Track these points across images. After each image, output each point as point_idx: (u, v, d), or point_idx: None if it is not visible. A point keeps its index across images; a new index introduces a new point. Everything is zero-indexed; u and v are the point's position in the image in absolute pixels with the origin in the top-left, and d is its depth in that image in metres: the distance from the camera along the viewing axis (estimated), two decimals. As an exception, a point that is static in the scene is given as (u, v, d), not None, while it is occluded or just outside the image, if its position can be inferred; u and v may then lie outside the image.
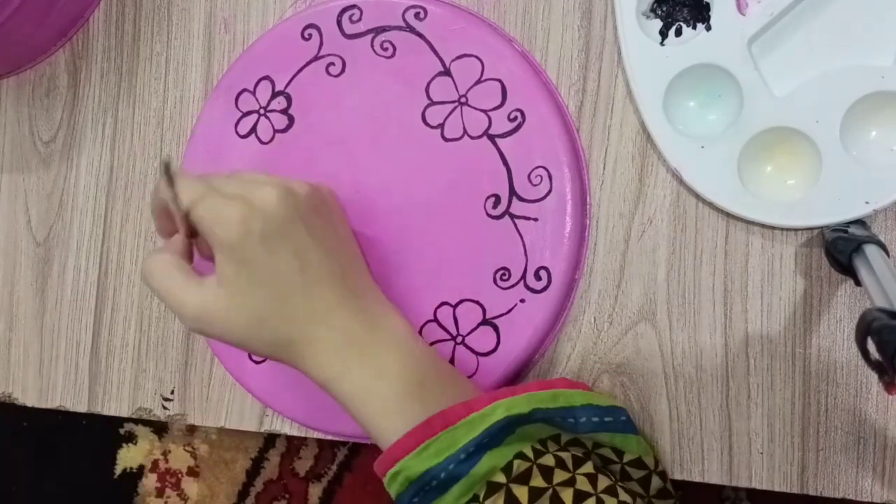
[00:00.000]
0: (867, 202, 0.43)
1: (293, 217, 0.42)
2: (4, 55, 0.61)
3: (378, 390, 0.41)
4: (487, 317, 0.47)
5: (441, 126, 0.49)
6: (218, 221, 0.40)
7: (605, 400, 0.45)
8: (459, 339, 0.48)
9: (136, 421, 0.76)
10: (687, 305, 0.47)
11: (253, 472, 0.61)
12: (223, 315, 0.41)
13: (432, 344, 0.48)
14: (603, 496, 0.39)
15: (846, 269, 0.42)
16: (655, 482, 0.44)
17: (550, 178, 0.46)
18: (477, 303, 0.47)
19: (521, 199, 0.47)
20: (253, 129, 0.53)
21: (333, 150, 0.51)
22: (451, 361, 0.48)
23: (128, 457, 0.73)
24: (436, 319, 0.48)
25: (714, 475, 0.46)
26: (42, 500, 0.75)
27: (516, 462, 0.40)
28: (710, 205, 0.46)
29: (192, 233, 0.42)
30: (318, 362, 0.42)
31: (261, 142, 0.53)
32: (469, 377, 0.47)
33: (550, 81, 0.49)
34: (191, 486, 0.60)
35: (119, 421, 0.57)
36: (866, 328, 0.35)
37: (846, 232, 0.43)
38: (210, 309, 0.41)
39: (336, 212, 0.46)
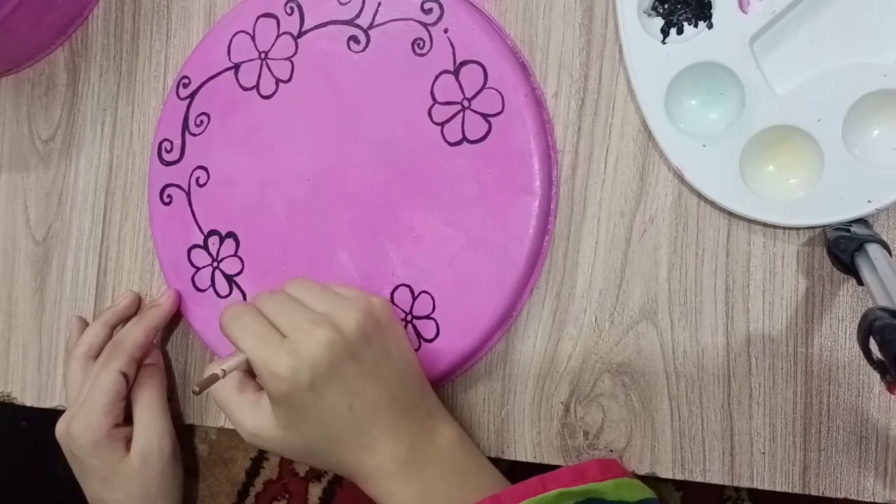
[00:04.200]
0: (869, 201, 0.43)
1: (342, 359, 0.43)
2: (3, 53, 0.61)
3: None
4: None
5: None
6: (268, 374, 0.43)
7: (635, 491, 0.44)
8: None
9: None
10: (688, 305, 0.47)
11: (252, 472, 0.61)
12: (276, 442, 0.45)
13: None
14: None
15: (848, 268, 0.41)
16: None
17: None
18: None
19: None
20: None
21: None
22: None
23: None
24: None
25: (716, 475, 0.46)
26: (41, 500, 0.74)
27: None
28: (712, 203, 0.46)
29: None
30: (367, 484, 0.45)
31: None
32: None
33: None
34: (190, 486, 0.60)
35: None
36: (868, 327, 0.35)
37: (848, 231, 0.43)
38: (264, 435, 0.45)
39: (389, 329, 0.46)
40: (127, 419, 0.54)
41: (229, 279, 0.53)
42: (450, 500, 0.43)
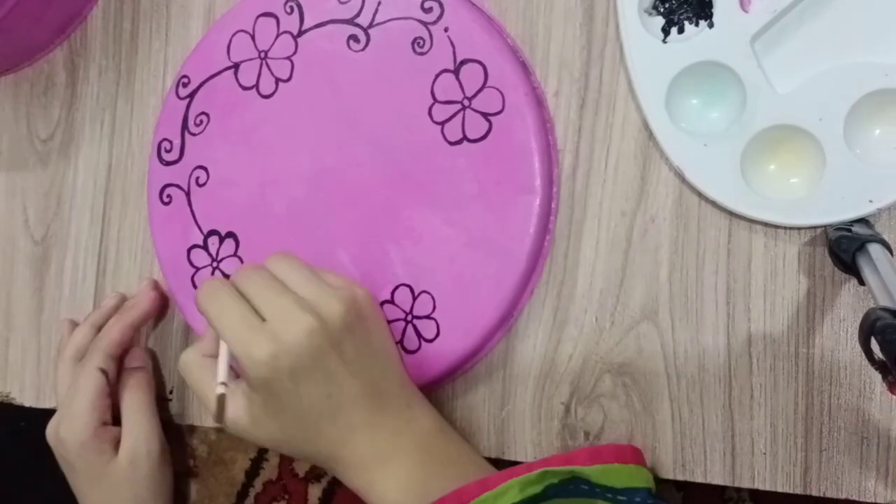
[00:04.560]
0: (871, 201, 0.43)
1: (323, 349, 0.43)
2: (2, 53, 0.61)
3: (402, 496, 0.43)
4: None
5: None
6: (248, 358, 0.42)
7: (623, 478, 0.43)
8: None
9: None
10: (689, 305, 0.47)
11: (252, 472, 0.61)
12: (251, 430, 0.44)
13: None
14: None
15: (850, 268, 0.41)
16: None
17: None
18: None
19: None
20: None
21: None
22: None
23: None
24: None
25: (717, 476, 0.46)
26: (40, 500, 0.74)
27: None
28: (713, 203, 0.46)
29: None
30: (347, 475, 0.45)
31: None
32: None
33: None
34: (189, 487, 0.60)
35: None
36: (870, 328, 0.35)
37: (850, 231, 0.43)
38: (238, 423, 0.44)
39: (372, 320, 0.46)
40: (115, 421, 0.54)
41: (229, 279, 0.53)
42: (429, 488, 0.43)
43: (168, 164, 0.55)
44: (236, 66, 0.53)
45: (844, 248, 0.41)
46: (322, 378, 0.43)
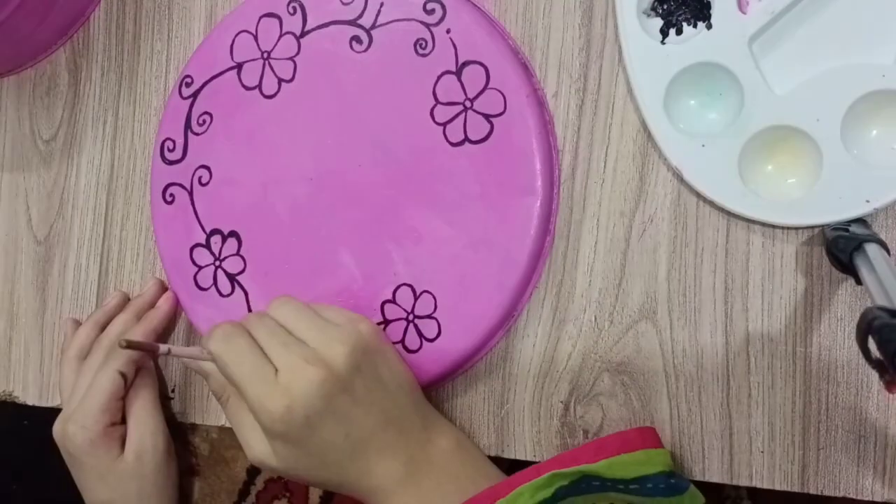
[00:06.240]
0: (868, 201, 0.43)
1: (334, 394, 0.44)
2: (5, 53, 0.61)
3: None
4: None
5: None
6: (262, 412, 0.43)
7: (630, 468, 0.44)
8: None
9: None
10: (688, 304, 0.47)
11: (254, 470, 0.61)
12: (281, 470, 0.46)
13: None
14: None
15: (847, 267, 0.41)
16: None
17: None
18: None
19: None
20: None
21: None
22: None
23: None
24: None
25: (715, 474, 0.46)
26: (43, 499, 0.74)
27: None
28: (711, 203, 0.46)
29: None
30: (369, 501, 0.46)
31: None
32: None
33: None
34: (191, 485, 0.61)
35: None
36: (867, 327, 0.35)
37: (847, 230, 0.43)
38: (268, 463, 0.46)
39: (379, 353, 0.47)
40: (122, 419, 0.54)
41: (231, 278, 0.54)
42: (447, 498, 0.44)
43: (171, 163, 0.55)
44: (239, 67, 0.54)
45: (842, 247, 0.41)
46: (336, 420, 0.44)
